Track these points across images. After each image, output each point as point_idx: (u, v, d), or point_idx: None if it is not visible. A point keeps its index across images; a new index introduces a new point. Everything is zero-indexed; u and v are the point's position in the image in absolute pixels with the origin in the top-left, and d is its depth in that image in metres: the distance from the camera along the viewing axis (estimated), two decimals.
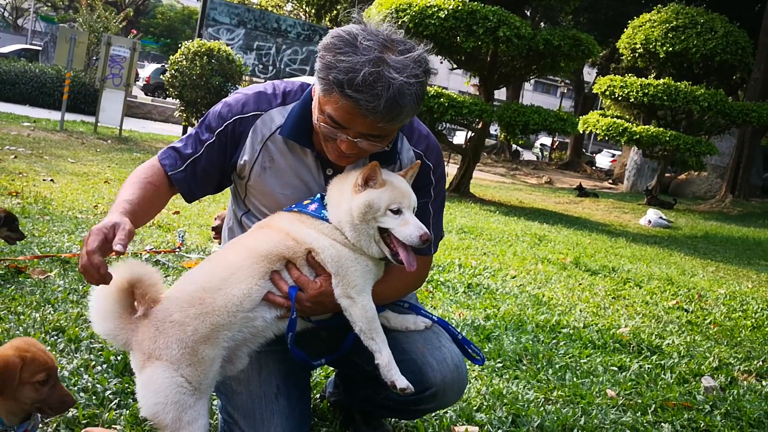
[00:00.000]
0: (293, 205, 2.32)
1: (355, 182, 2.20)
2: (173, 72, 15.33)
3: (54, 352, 3.23)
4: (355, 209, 2.18)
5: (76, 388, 2.89)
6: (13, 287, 4.18)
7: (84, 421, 2.65)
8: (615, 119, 18.58)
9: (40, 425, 2.56)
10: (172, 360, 2.11)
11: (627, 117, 20.19)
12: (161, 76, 19.18)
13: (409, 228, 2.15)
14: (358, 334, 2.25)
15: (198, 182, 2.39)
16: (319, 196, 2.32)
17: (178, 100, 15.81)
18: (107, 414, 2.71)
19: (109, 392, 2.89)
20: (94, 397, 2.84)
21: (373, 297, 2.27)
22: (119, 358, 3.20)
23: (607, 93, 18.98)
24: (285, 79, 2.48)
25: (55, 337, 3.47)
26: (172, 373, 2.11)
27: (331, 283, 2.23)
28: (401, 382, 2.19)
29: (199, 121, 2.44)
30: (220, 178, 2.44)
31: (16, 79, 22.09)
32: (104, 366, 3.16)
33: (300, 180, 2.37)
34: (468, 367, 3.75)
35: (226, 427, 2.41)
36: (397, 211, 2.17)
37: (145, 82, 34.43)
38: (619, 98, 18.82)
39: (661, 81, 18.16)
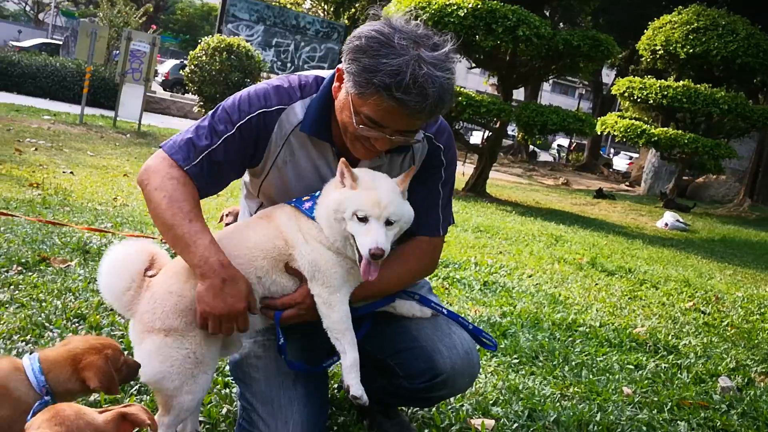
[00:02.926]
0: (293, 200, 2.31)
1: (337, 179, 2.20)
2: (193, 67, 15.43)
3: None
4: (328, 206, 2.18)
5: None
6: (35, 275, 4.24)
7: (104, 405, 2.69)
8: (633, 121, 18.48)
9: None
10: (177, 331, 2.17)
11: (645, 119, 20.06)
12: (180, 72, 19.31)
13: (366, 238, 2.07)
14: (325, 329, 2.24)
15: (212, 178, 2.27)
16: (318, 193, 2.28)
17: (197, 95, 15.90)
18: (128, 399, 2.75)
19: (143, 382, 2.92)
20: None
21: (379, 284, 2.27)
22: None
23: (626, 94, 18.87)
24: (297, 73, 2.45)
25: (77, 324, 3.52)
26: (178, 344, 2.17)
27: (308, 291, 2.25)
28: (355, 389, 2.18)
29: (208, 115, 2.30)
30: (234, 175, 2.35)
31: (37, 72, 22.32)
32: (125, 353, 3.19)
33: (318, 175, 2.37)
34: (484, 362, 3.79)
35: (245, 414, 2.44)
36: (363, 219, 2.10)
37: (164, 78, 34.63)
38: (638, 100, 18.70)
39: (681, 83, 18.02)
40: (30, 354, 1.99)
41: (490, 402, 3.25)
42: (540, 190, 21.88)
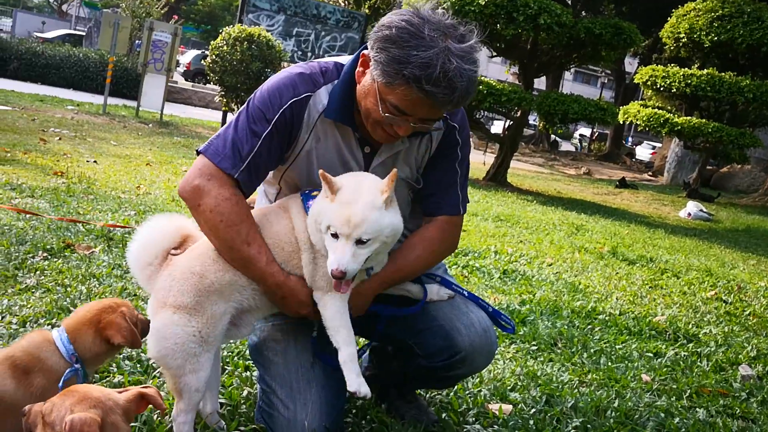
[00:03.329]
0: (307, 191, 2.32)
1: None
2: (214, 57, 15.48)
3: None
4: (311, 215, 2.22)
5: (120, 357, 2.98)
6: (60, 261, 4.32)
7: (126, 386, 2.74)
8: (656, 110, 18.27)
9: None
10: (186, 308, 2.22)
11: (669, 108, 19.83)
12: (202, 62, 19.41)
13: (332, 256, 2.07)
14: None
15: (258, 177, 2.34)
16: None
17: (218, 85, 15.97)
18: (150, 381, 2.80)
19: (152, 361, 2.98)
20: (138, 365, 2.94)
21: (405, 268, 2.37)
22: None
23: (649, 83, 18.65)
24: (316, 60, 2.47)
25: None
26: (185, 322, 2.22)
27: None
28: (351, 383, 2.20)
29: (241, 112, 2.33)
30: (273, 167, 2.42)
31: (60, 63, 22.56)
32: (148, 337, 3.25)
33: (340, 160, 2.39)
34: (503, 349, 3.81)
35: (265, 397, 2.48)
36: (335, 235, 2.09)
37: (185, 69, 34.83)
38: (661, 89, 18.48)
39: (705, 71, 17.78)
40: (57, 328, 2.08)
41: (508, 387, 3.26)
42: (561, 179, 21.75)
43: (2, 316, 3.32)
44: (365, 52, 2.17)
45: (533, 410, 3.03)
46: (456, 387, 3.11)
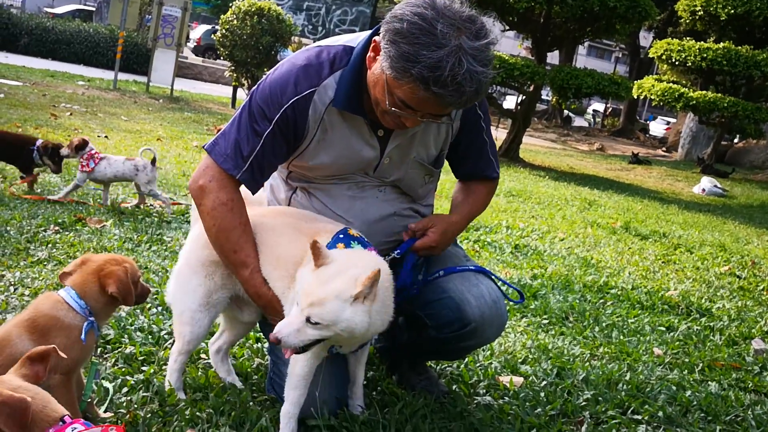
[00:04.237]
0: (341, 232, 2.27)
1: None
2: (224, 31, 15.41)
3: None
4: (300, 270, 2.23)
5: (133, 328, 2.99)
6: (72, 234, 4.33)
7: (141, 358, 2.75)
8: (671, 84, 18.06)
9: (103, 360, 2.71)
10: (204, 268, 2.43)
11: (684, 82, 19.60)
12: (212, 37, 19.33)
13: (281, 321, 2.05)
14: None
15: (263, 175, 2.37)
16: (342, 233, 2.25)
17: (228, 60, 15.92)
18: (162, 352, 2.81)
19: (164, 332, 2.99)
20: (150, 337, 2.95)
21: (471, 211, 2.63)
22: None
23: (664, 57, 18.41)
24: (323, 42, 2.42)
25: None
26: (198, 280, 2.43)
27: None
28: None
29: (244, 107, 2.34)
30: (281, 162, 2.44)
31: (71, 39, 22.56)
32: (159, 308, 3.27)
33: (351, 149, 2.37)
34: (514, 322, 3.80)
35: (275, 368, 2.50)
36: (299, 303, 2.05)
37: (195, 44, 34.69)
38: (676, 63, 18.24)
39: (721, 45, 17.52)
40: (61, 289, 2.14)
41: (519, 360, 3.25)
42: (574, 155, 21.60)
43: (15, 288, 3.34)
44: (376, 38, 2.12)
45: (544, 383, 3.02)
46: (467, 359, 3.10)
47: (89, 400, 2.19)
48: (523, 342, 3.51)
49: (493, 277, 2.58)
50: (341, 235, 2.23)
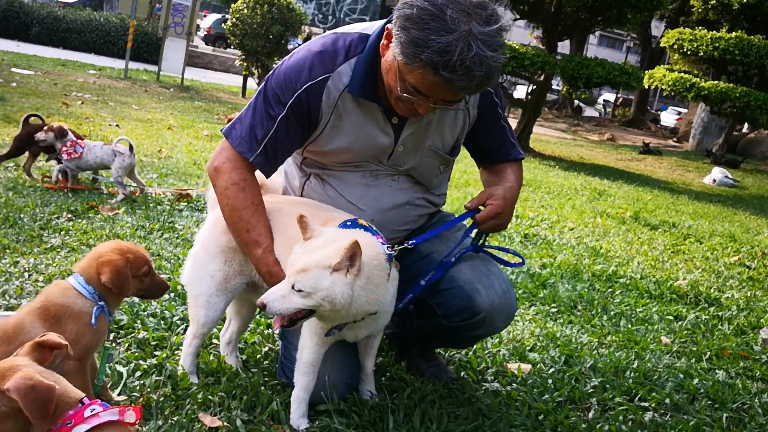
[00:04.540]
0: (349, 220, 2.29)
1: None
2: (234, 20, 15.44)
3: None
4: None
5: (145, 314, 3.04)
6: (84, 222, 4.38)
7: (153, 343, 2.79)
8: (682, 74, 17.93)
9: (116, 345, 2.76)
10: (221, 253, 2.47)
11: (695, 72, 19.47)
12: (222, 26, 19.35)
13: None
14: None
15: (278, 158, 2.40)
16: (350, 222, 2.27)
17: (238, 49, 15.94)
18: (174, 337, 2.85)
19: (176, 318, 3.03)
20: (162, 322, 2.99)
21: (515, 186, 2.54)
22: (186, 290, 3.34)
23: (675, 47, 18.28)
24: (339, 30, 2.44)
25: None
26: (215, 265, 2.48)
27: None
28: (293, 420, 2.29)
29: (260, 92, 2.37)
30: (295, 147, 2.46)
31: (81, 27, 22.61)
32: (171, 294, 3.30)
33: (365, 135, 2.39)
34: (522, 311, 3.82)
35: (286, 352, 2.54)
36: None
37: (206, 33, 34.72)
38: (688, 52, 18.11)
39: (734, 34, 17.39)
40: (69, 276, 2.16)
41: (527, 348, 3.28)
42: (584, 145, 21.53)
43: (29, 274, 3.38)
44: (389, 26, 2.14)
45: (552, 370, 3.04)
46: (475, 347, 3.13)
47: (102, 384, 2.23)
48: (531, 330, 3.53)
49: (492, 251, 2.60)
50: (348, 223, 2.26)
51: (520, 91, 31.47)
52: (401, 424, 2.34)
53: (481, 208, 2.46)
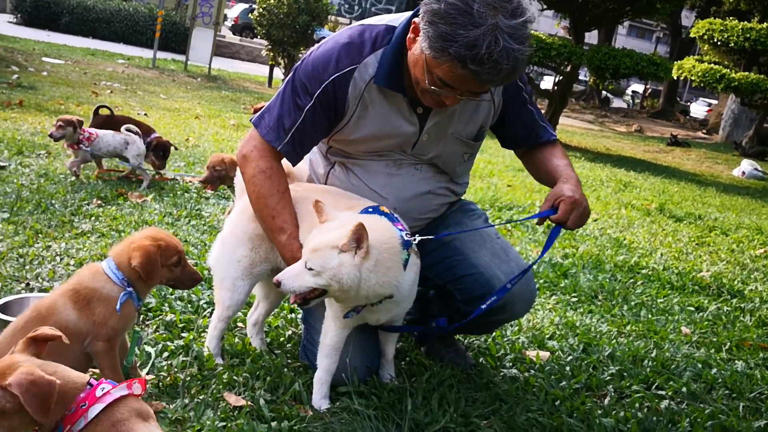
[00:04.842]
0: (370, 206, 2.35)
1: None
2: (261, 10, 15.52)
3: None
4: None
5: (173, 297, 3.12)
6: (114, 208, 4.48)
7: (180, 325, 2.88)
8: (712, 65, 17.69)
9: (144, 326, 2.84)
10: (247, 240, 2.56)
11: (726, 63, 19.19)
12: (249, 16, 19.46)
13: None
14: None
15: (304, 147, 2.47)
16: (372, 208, 2.33)
17: (265, 39, 16.04)
18: (201, 320, 2.94)
19: (203, 302, 3.11)
20: (189, 305, 3.08)
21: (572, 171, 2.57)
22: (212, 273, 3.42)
23: (706, 37, 18.04)
24: (366, 22, 2.49)
25: None
26: (242, 251, 2.57)
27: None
28: (314, 401, 2.37)
29: (288, 82, 2.43)
30: (322, 136, 2.52)
31: (110, 17, 22.86)
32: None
33: (391, 125, 2.44)
34: (543, 300, 3.85)
35: (308, 336, 2.62)
36: None
37: (233, 23, 34.90)
38: (718, 43, 17.87)
39: (765, 25, 17.11)
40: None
41: (546, 336, 3.32)
42: (611, 136, 21.35)
43: (61, 257, 3.49)
44: (416, 20, 2.18)
45: (570, 357, 3.08)
46: (494, 333, 3.17)
47: (132, 364, 2.30)
48: (551, 318, 3.57)
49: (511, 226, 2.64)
50: (370, 209, 2.31)
51: (547, 82, 31.19)
52: (419, 407, 2.39)
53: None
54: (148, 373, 2.45)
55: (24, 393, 1.46)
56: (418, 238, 2.31)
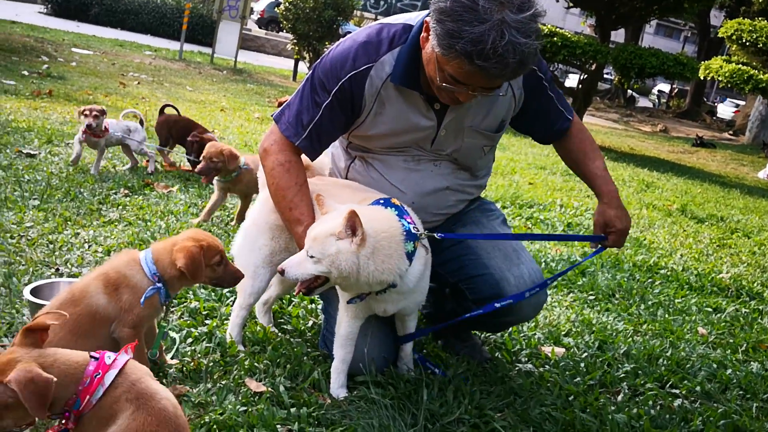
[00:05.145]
0: (382, 198, 2.41)
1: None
2: (287, 5, 15.62)
3: None
4: None
5: (197, 286, 3.20)
6: (140, 198, 4.58)
7: (204, 312, 2.96)
8: (740, 65, 17.49)
9: (171, 313, 2.91)
10: (269, 229, 2.66)
11: (754, 64, 18.95)
12: (275, 10, 19.59)
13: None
14: None
15: (322, 143, 2.53)
16: (383, 200, 2.39)
17: (291, 33, 16.13)
18: (224, 308, 3.01)
19: (226, 290, 3.19)
20: (213, 294, 3.16)
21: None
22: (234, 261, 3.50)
23: (734, 37, 17.83)
24: (385, 20, 2.54)
25: None
26: (263, 240, 2.67)
27: None
28: (332, 389, 2.44)
29: (307, 79, 2.49)
30: (340, 133, 2.58)
31: (139, 9, 23.09)
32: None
33: (409, 121, 2.49)
34: (561, 297, 3.88)
35: (328, 325, 2.68)
36: None
37: (259, 16, 35.07)
38: (747, 43, 17.65)
39: None
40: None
41: (562, 333, 3.35)
42: (636, 136, 21.20)
43: (89, 245, 3.59)
44: (427, 18, 2.23)
45: (585, 354, 3.12)
46: (511, 329, 3.22)
47: (155, 357, 2.38)
48: (567, 316, 3.60)
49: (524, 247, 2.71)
50: (381, 201, 2.37)
51: (572, 80, 31.00)
52: (435, 398, 2.45)
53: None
54: (172, 358, 2.53)
55: (22, 390, 1.52)
56: (424, 232, 2.35)
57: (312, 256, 2.18)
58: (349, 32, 2.68)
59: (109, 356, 1.69)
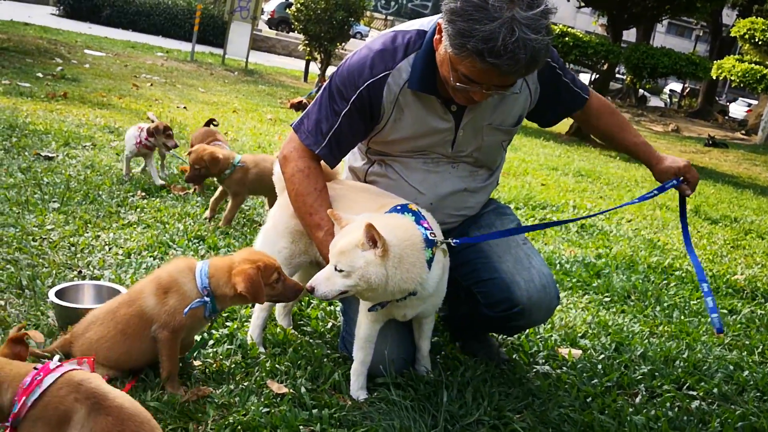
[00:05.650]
0: (399, 205, 2.42)
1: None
2: (298, 5, 15.66)
3: (196, 257, 3.60)
4: None
5: None
6: (157, 200, 4.63)
7: (225, 314, 2.99)
8: (753, 65, 17.43)
9: None
10: (288, 234, 2.71)
11: (767, 63, 18.88)
12: (286, 10, 19.65)
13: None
14: None
15: (341, 151, 2.57)
16: (402, 206, 2.41)
17: (302, 34, 16.18)
18: (244, 310, 3.05)
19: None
20: None
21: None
22: None
23: (747, 37, 17.80)
24: (398, 27, 2.58)
25: (197, 244, 3.86)
26: (283, 243, 2.72)
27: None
28: (352, 390, 2.48)
29: (325, 89, 2.54)
30: (360, 140, 2.63)
31: (150, 11, 23.26)
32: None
33: (427, 125, 2.52)
34: (576, 299, 3.90)
35: (347, 327, 2.72)
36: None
37: (270, 17, 35.17)
38: (760, 43, 17.61)
39: None
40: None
41: (579, 334, 3.37)
42: (648, 136, 21.09)
43: (109, 247, 3.63)
44: (439, 20, 2.26)
45: (602, 356, 3.13)
46: (527, 331, 3.23)
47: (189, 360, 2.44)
48: (583, 318, 3.62)
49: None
50: (399, 207, 2.40)
51: (584, 80, 30.91)
52: (454, 399, 2.47)
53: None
54: (195, 359, 2.56)
55: None
56: (440, 240, 2.36)
57: (341, 270, 2.19)
58: (359, 32, 2.71)
59: (55, 363, 1.74)
